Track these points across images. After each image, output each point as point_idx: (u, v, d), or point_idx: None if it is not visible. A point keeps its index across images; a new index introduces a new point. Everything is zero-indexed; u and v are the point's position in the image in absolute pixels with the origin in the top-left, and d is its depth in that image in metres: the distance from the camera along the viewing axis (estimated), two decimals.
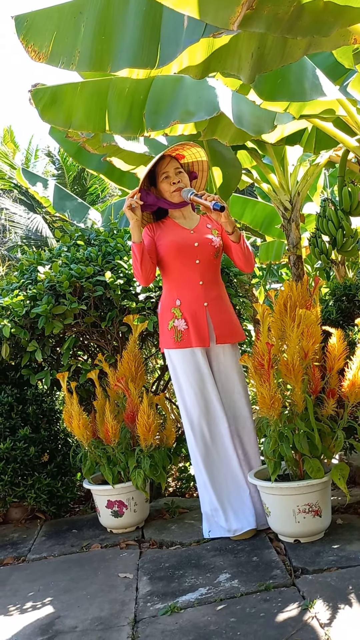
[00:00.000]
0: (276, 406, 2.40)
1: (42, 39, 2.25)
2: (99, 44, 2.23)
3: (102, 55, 2.24)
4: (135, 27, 2.18)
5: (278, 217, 5.44)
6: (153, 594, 2.24)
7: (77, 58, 2.24)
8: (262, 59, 2.12)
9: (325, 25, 1.73)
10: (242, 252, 2.68)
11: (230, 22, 1.68)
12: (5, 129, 14.94)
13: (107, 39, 2.23)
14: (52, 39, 2.25)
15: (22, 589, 2.45)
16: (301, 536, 2.47)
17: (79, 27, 2.24)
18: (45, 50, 2.25)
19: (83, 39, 2.24)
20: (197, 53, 2.28)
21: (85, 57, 2.24)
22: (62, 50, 2.25)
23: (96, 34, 2.23)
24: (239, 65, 2.22)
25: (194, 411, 2.68)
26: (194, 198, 2.61)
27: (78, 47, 2.25)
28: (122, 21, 2.21)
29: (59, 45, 2.26)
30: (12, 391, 3.23)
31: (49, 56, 2.25)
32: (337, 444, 2.48)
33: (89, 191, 14.40)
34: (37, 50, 2.25)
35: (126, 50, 2.21)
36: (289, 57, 2.09)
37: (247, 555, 2.45)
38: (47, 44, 2.25)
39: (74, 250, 3.33)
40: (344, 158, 3.73)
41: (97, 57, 2.24)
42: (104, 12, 2.24)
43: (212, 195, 2.54)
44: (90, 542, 2.85)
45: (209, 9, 1.69)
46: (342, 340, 2.52)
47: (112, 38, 2.23)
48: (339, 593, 2.02)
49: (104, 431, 2.83)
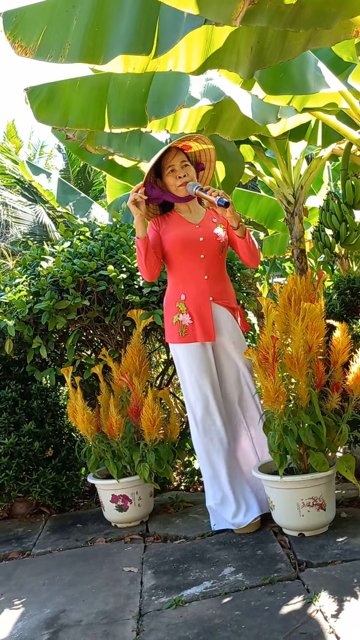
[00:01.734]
0: (281, 400, 2.40)
1: (30, 33, 2.18)
2: (91, 35, 2.16)
3: (95, 46, 2.16)
4: (132, 16, 2.12)
5: (282, 211, 5.42)
6: (158, 588, 2.24)
7: (67, 50, 2.16)
8: (262, 54, 2.09)
9: (327, 17, 1.70)
10: (247, 247, 2.67)
11: (232, 18, 1.66)
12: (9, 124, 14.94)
13: (101, 31, 2.17)
14: (42, 33, 2.17)
15: (27, 583, 2.46)
16: (305, 530, 2.47)
17: (71, 20, 2.17)
18: (33, 44, 2.17)
19: (75, 32, 2.17)
20: (194, 49, 2.25)
21: (76, 49, 2.16)
22: (52, 44, 2.18)
23: (89, 26, 2.16)
24: (237, 61, 2.19)
25: (197, 405, 2.68)
26: (198, 192, 2.59)
27: (69, 40, 2.17)
28: (118, 11, 2.14)
29: (49, 39, 2.18)
30: (16, 386, 3.24)
31: (37, 50, 2.16)
32: (342, 438, 2.47)
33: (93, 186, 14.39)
34: (25, 46, 2.17)
35: (121, 40, 2.14)
36: (288, 53, 2.06)
37: (252, 548, 2.45)
38: (36, 39, 2.17)
39: (78, 244, 3.33)
40: (347, 151, 3.71)
41: (89, 48, 2.16)
42: (99, 4, 2.18)
43: (217, 191, 2.51)
44: (94, 536, 2.86)
45: (210, 6, 1.67)
46: (346, 334, 2.51)
47: (105, 29, 2.17)
48: (343, 586, 2.02)
49: (108, 426, 2.84)
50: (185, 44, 2.28)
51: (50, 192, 6.32)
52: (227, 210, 2.50)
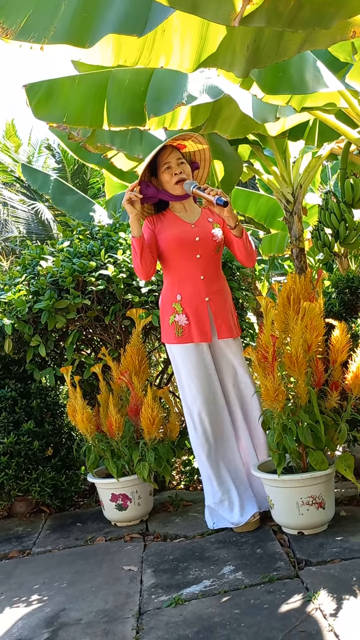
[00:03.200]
0: (280, 399, 2.40)
1: (15, 16, 2.06)
2: (80, 18, 2.07)
3: (82, 29, 2.07)
4: (123, 2, 2.04)
5: (281, 210, 5.42)
6: (157, 586, 2.25)
7: (51, 32, 2.07)
8: (257, 53, 2.08)
9: (326, 17, 1.70)
10: (244, 246, 2.66)
11: (231, 19, 1.66)
12: (8, 123, 14.92)
13: (90, 14, 2.07)
14: (27, 16, 2.06)
15: (27, 582, 2.47)
16: (305, 528, 2.47)
17: (59, 5, 2.08)
18: (15, 26, 2.05)
19: (62, 16, 2.08)
20: (188, 47, 2.23)
21: (62, 30, 2.07)
22: (35, 26, 2.07)
23: (79, 9, 2.07)
24: (231, 60, 2.17)
25: (195, 406, 2.68)
26: (196, 191, 2.57)
27: (55, 23, 2.08)
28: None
29: (34, 21, 2.07)
30: (16, 385, 3.24)
31: (18, 32, 2.05)
32: (341, 437, 2.48)
33: (90, 184, 14.39)
34: (6, 27, 2.05)
35: (110, 20, 2.06)
36: (283, 54, 2.05)
37: (251, 547, 2.46)
38: (20, 21, 2.05)
39: (78, 243, 3.33)
40: (346, 150, 3.71)
41: (75, 31, 2.07)
42: None
43: (216, 190, 2.50)
44: (94, 535, 2.86)
45: (209, 6, 1.66)
46: (345, 333, 2.51)
47: (96, 12, 2.08)
48: (342, 584, 2.02)
49: (108, 425, 2.84)
50: (179, 41, 2.26)
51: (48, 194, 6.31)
52: (224, 209, 2.50)
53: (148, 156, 2.62)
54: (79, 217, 6.01)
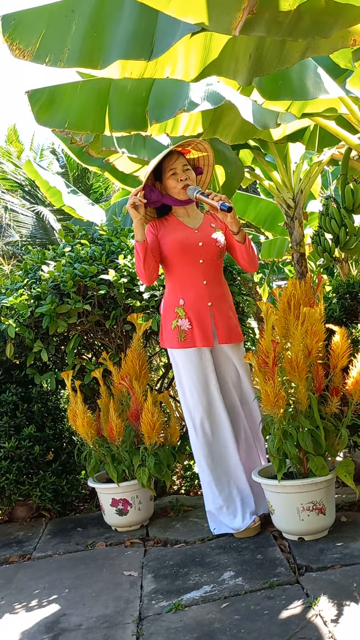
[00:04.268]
0: (280, 404, 2.41)
1: (29, 37, 2.17)
2: (90, 40, 2.16)
3: (93, 50, 2.16)
4: (131, 20, 2.12)
5: (281, 215, 5.43)
6: (157, 592, 2.25)
7: (66, 55, 2.17)
8: (260, 62, 2.10)
9: (325, 26, 1.72)
10: (246, 252, 2.67)
11: (232, 28, 1.67)
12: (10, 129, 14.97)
13: (99, 36, 2.17)
14: (40, 37, 2.17)
15: (27, 587, 2.47)
16: (305, 534, 2.47)
17: (70, 25, 2.17)
18: (31, 48, 2.16)
19: (74, 37, 2.17)
20: (192, 56, 2.26)
21: (75, 53, 2.17)
22: (50, 48, 2.18)
23: (88, 31, 2.16)
24: (235, 68, 2.19)
25: (196, 411, 2.68)
26: (200, 197, 2.57)
27: (68, 44, 2.17)
28: (117, 16, 2.14)
29: (47, 42, 2.18)
30: (17, 390, 3.24)
31: (35, 53, 2.16)
32: (341, 442, 2.48)
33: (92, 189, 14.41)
34: (23, 49, 2.17)
35: (119, 44, 2.14)
36: (286, 61, 2.07)
37: (252, 553, 2.45)
38: (34, 42, 2.16)
39: (79, 249, 3.34)
40: (347, 156, 3.72)
41: (87, 52, 2.16)
42: (98, 9, 2.18)
43: (220, 195, 2.50)
44: (95, 540, 2.86)
45: (210, 16, 1.68)
46: (345, 338, 2.51)
47: (104, 34, 2.16)
48: (343, 590, 2.02)
49: (109, 429, 2.84)
50: (183, 51, 2.28)
51: (55, 190, 6.33)
52: (228, 215, 2.51)
53: (153, 160, 2.63)
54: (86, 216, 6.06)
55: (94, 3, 2.19)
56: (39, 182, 6.50)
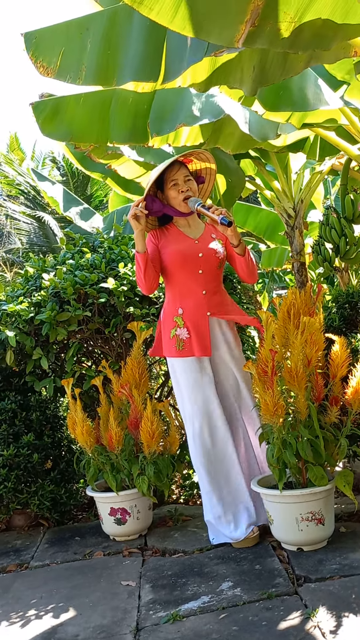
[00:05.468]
0: (280, 413, 2.40)
1: (50, 54, 2.31)
2: (104, 58, 2.29)
3: (107, 69, 2.29)
4: (139, 41, 2.22)
5: (281, 224, 5.45)
6: (155, 602, 2.23)
7: (83, 73, 2.30)
8: (264, 73, 2.14)
9: (325, 40, 1.75)
10: (246, 264, 2.68)
11: (234, 40, 1.71)
12: (12, 137, 15.05)
13: (112, 54, 2.28)
14: (60, 54, 2.31)
15: (24, 597, 2.45)
16: (304, 544, 2.46)
17: (85, 43, 2.30)
18: (53, 65, 2.31)
19: (89, 54, 2.29)
20: (200, 67, 2.29)
21: (91, 71, 2.30)
22: (69, 65, 2.31)
23: (101, 49, 2.28)
24: (241, 78, 2.24)
25: (196, 419, 2.68)
26: (200, 209, 2.57)
27: (84, 62, 2.30)
28: (126, 36, 2.26)
29: (66, 60, 2.31)
30: (16, 397, 3.24)
31: (57, 71, 2.31)
32: (341, 452, 2.47)
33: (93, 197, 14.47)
34: (46, 66, 2.31)
35: (130, 65, 2.26)
36: (291, 70, 2.11)
37: (250, 563, 2.44)
38: (55, 60, 2.31)
39: (78, 257, 3.35)
40: (347, 166, 3.75)
41: (102, 71, 2.29)
42: (109, 28, 2.29)
43: (220, 209, 2.51)
44: (93, 549, 2.85)
45: (212, 29, 1.71)
46: (345, 348, 2.52)
47: (116, 53, 2.28)
48: (341, 602, 2.01)
49: (108, 438, 2.84)
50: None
51: (54, 200, 6.37)
52: (228, 228, 2.52)
53: (154, 171, 2.64)
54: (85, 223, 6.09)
55: (105, 22, 2.31)
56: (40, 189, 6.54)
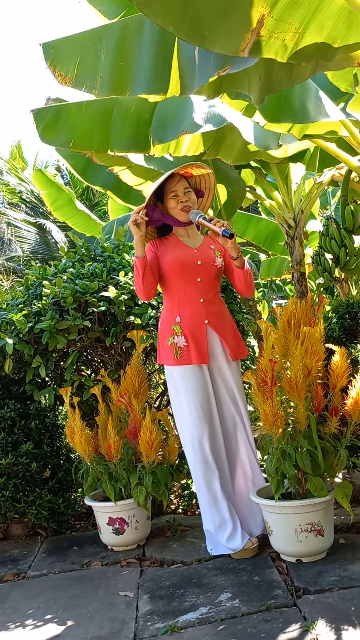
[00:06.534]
0: (279, 423, 2.40)
1: (67, 64, 2.39)
2: (117, 69, 2.36)
3: (121, 80, 2.37)
4: (149, 55, 2.29)
5: (281, 234, 5.47)
6: (153, 613, 2.22)
7: (99, 82, 2.37)
8: (270, 81, 2.18)
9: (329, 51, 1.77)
10: (244, 277, 2.70)
11: (240, 50, 1.73)
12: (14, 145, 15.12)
13: (125, 65, 2.36)
14: (76, 64, 2.39)
15: (21, 606, 2.43)
16: (303, 556, 2.44)
17: (99, 53, 2.37)
18: (70, 75, 2.39)
19: (103, 65, 2.37)
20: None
21: (106, 81, 2.38)
22: (85, 75, 2.40)
23: (115, 60, 2.35)
24: (249, 86, 2.27)
25: (195, 428, 2.67)
26: (201, 221, 2.60)
27: (99, 72, 2.38)
28: (137, 49, 2.33)
29: (82, 70, 2.39)
30: (15, 406, 3.23)
31: (74, 80, 2.38)
32: (340, 463, 2.46)
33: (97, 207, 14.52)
34: (64, 75, 2.39)
35: (141, 77, 2.33)
36: (298, 77, 2.16)
37: (249, 574, 2.43)
38: (72, 69, 2.39)
39: (79, 266, 3.36)
40: (347, 177, 3.76)
41: (116, 82, 2.37)
42: (121, 40, 2.36)
43: (222, 222, 2.55)
44: (91, 559, 2.83)
45: (218, 39, 1.74)
46: (345, 358, 2.52)
47: (128, 64, 2.35)
48: (341, 614, 1.99)
49: (106, 447, 2.83)
50: None
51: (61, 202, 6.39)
52: (228, 240, 2.54)
53: (155, 182, 2.67)
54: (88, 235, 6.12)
55: (117, 33, 2.38)
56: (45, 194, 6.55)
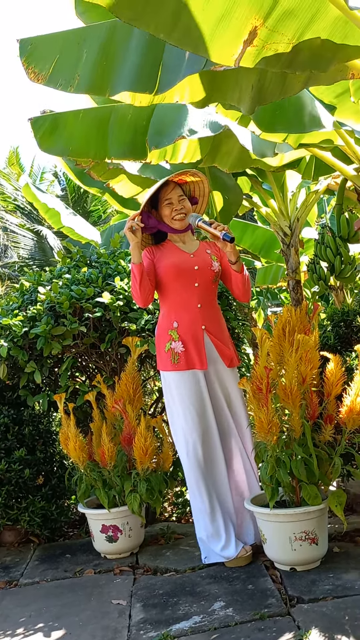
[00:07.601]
0: (274, 431, 2.40)
1: (43, 62, 2.33)
2: (99, 69, 2.31)
3: (102, 79, 2.32)
4: (138, 53, 2.24)
5: (277, 242, 5.49)
6: (146, 622, 2.20)
7: (76, 81, 2.32)
8: (262, 92, 2.17)
9: (323, 61, 1.78)
10: (242, 282, 2.70)
11: (232, 59, 1.73)
12: (11, 151, 15.14)
13: (108, 65, 2.31)
14: (54, 62, 2.33)
15: (13, 614, 2.41)
16: (297, 564, 2.44)
17: (82, 53, 2.32)
18: (45, 72, 2.33)
19: (84, 64, 2.32)
20: (198, 83, 2.33)
21: (85, 80, 2.32)
22: (62, 73, 2.33)
23: (97, 60, 2.31)
24: (239, 97, 2.27)
25: (190, 435, 2.66)
26: (201, 225, 2.60)
27: (79, 71, 2.33)
28: (125, 48, 2.28)
29: (60, 68, 2.34)
30: (9, 412, 3.22)
31: (48, 78, 2.32)
32: (335, 471, 2.46)
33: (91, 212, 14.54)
34: (37, 72, 2.33)
35: (126, 75, 2.27)
36: (289, 90, 2.15)
37: (243, 583, 2.42)
38: (48, 67, 2.33)
39: (75, 272, 3.36)
40: (342, 186, 3.79)
41: (96, 80, 2.31)
42: (108, 40, 2.32)
43: (222, 225, 2.55)
44: (83, 567, 2.81)
45: (211, 46, 1.74)
46: (339, 366, 2.52)
47: (113, 64, 2.30)
48: (334, 623, 1.98)
49: (100, 454, 2.82)
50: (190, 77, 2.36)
51: (55, 211, 6.40)
52: (228, 244, 2.54)
53: (150, 190, 2.68)
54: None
55: (104, 34, 2.33)
56: (37, 205, 6.57)
